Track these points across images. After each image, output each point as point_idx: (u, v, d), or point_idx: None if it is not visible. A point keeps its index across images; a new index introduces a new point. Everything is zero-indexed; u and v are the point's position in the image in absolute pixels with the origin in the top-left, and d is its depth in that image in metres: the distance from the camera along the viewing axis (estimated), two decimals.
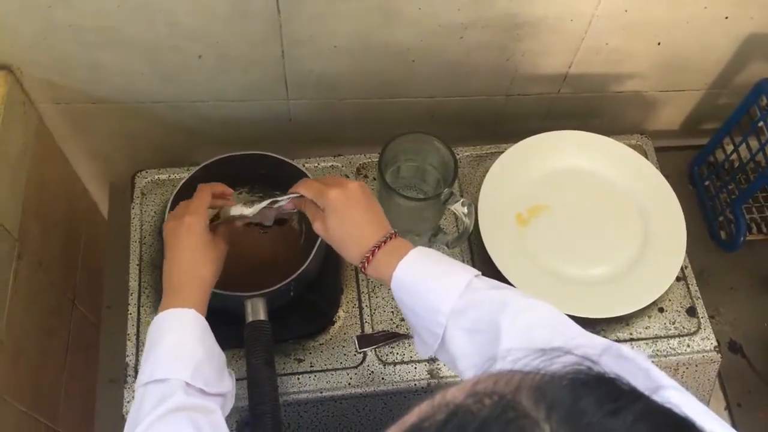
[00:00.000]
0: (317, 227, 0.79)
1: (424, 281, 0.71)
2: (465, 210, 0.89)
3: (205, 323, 0.76)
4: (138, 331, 0.97)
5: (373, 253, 0.74)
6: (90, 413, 1.12)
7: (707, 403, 1.04)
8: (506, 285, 0.72)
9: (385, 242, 0.74)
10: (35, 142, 1.07)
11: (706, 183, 1.21)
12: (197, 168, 0.95)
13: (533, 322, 0.64)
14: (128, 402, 0.92)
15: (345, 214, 0.76)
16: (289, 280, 0.88)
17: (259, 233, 0.99)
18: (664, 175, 1.09)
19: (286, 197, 0.82)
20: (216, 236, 0.82)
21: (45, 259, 1.10)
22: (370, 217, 0.77)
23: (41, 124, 1.10)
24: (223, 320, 0.92)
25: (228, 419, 0.93)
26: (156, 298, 0.99)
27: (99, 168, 1.25)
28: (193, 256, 0.79)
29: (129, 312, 0.98)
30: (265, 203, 0.82)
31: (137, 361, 0.95)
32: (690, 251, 1.06)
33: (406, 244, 0.75)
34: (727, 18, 1.03)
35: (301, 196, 0.80)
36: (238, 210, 0.83)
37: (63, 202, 1.20)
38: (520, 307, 0.66)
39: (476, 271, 0.72)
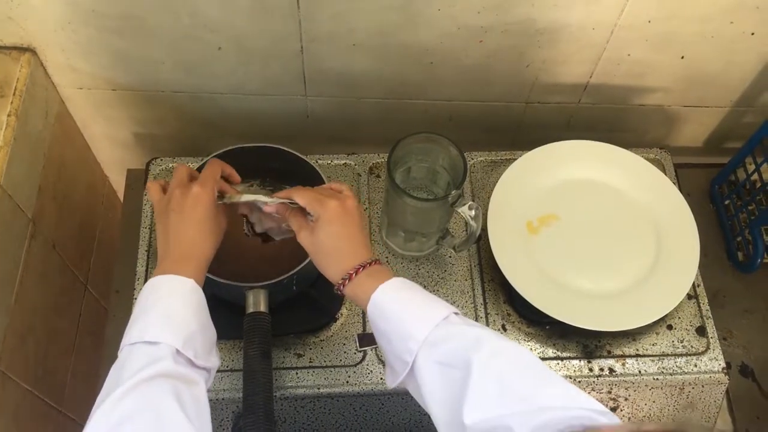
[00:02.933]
0: (303, 237, 0.77)
1: (402, 308, 0.70)
2: (472, 213, 0.89)
3: (203, 296, 0.74)
4: None
5: (357, 271, 0.73)
6: (95, 396, 1.13)
7: (713, 425, 1.01)
8: (482, 324, 0.71)
9: (369, 264, 0.73)
10: (56, 125, 1.09)
11: (726, 202, 1.19)
12: (209, 157, 0.95)
13: (506, 369, 0.64)
14: None
15: (338, 228, 0.75)
16: (291, 273, 0.88)
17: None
18: (685, 193, 1.07)
19: (275, 200, 0.80)
20: (219, 212, 0.80)
21: (59, 241, 1.11)
22: (361, 237, 0.76)
23: (63, 107, 1.12)
24: (225, 309, 0.93)
25: (225, 410, 0.94)
26: None
27: (118, 155, 1.26)
28: (198, 230, 0.77)
29: (134, 297, 0.99)
30: (253, 197, 0.81)
31: None
32: (706, 271, 1.04)
33: (388, 271, 0.75)
34: (753, 34, 1.01)
35: (292, 203, 0.79)
36: (235, 197, 0.82)
37: (81, 186, 1.22)
38: (494, 349, 0.65)
39: (455, 309, 0.71)
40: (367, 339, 0.97)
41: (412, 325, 0.68)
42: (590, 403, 0.60)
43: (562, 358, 0.98)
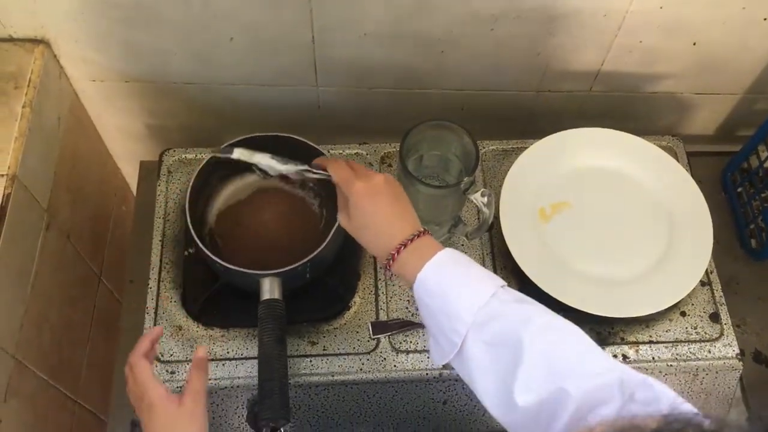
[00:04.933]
0: (342, 219, 0.78)
1: (449, 287, 0.69)
2: (485, 200, 0.88)
3: None
4: (156, 305, 0.98)
5: (398, 251, 0.71)
6: (110, 386, 1.14)
7: (727, 412, 1.01)
8: (532, 299, 0.69)
9: (411, 240, 0.71)
10: (69, 117, 1.10)
11: (739, 190, 1.19)
12: (224, 145, 0.95)
13: (556, 344, 0.63)
14: None
15: (368, 208, 0.74)
16: (304, 260, 0.88)
17: (276, 214, 1.00)
18: (697, 181, 1.06)
19: (319, 174, 0.82)
20: (195, 407, 0.75)
21: (74, 232, 1.12)
22: (397, 212, 0.74)
23: (76, 99, 1.12)
24: (240, 297, 0.94)
25: (240, 397, 0.94)
26: (176, 273, 1.00)
27: (131, 146, 1.27)
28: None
29: (149, 286, 0.99)
30: (299, 167, 0.83)
31: None
32: (719, 258, 1.04)
33: (433, 244, 0.72)
34: (766, 20, 1.01)
35: (306, 171, 0.81)
36: (271, 163, 0.84)
37: (94, 178, 1.23)
38: (544, 326, 0.64)
39: (502, 282, 0.69)
40: (380, 327, 0.97)
41: (460, 305, 0.67)
42: (631, 373, 0.61)
43: None
